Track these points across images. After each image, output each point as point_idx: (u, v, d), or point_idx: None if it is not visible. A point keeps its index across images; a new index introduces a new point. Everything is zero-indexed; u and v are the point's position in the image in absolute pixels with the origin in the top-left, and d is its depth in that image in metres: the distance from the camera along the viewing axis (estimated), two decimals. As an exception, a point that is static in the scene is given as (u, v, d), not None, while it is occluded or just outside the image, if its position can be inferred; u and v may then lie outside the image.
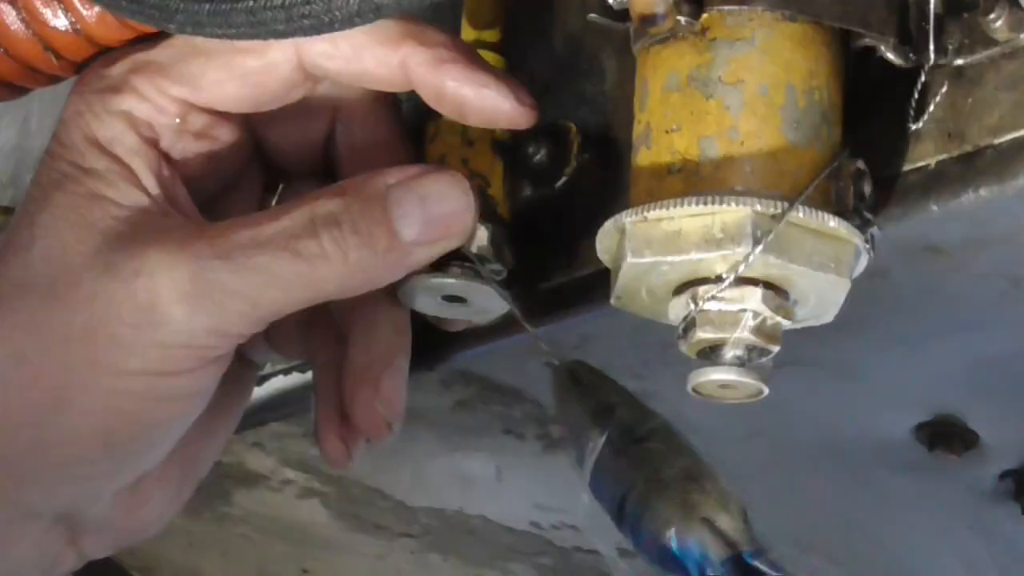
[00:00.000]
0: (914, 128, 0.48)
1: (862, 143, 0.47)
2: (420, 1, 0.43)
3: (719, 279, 0.45)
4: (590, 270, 0.54)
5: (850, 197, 0.46)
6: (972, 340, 0.58)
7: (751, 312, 0.46)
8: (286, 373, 0.67)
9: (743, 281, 0.45)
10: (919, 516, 0.78)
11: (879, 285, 0.52)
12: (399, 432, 0.55)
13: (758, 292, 0.46)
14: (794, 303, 0.47)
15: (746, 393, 0.47)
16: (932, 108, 0.48)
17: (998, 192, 0.47)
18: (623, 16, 0.47)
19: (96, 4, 0.48)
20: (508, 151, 0.55)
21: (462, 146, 0.54)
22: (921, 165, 0.48)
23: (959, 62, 0.47)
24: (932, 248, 0.50)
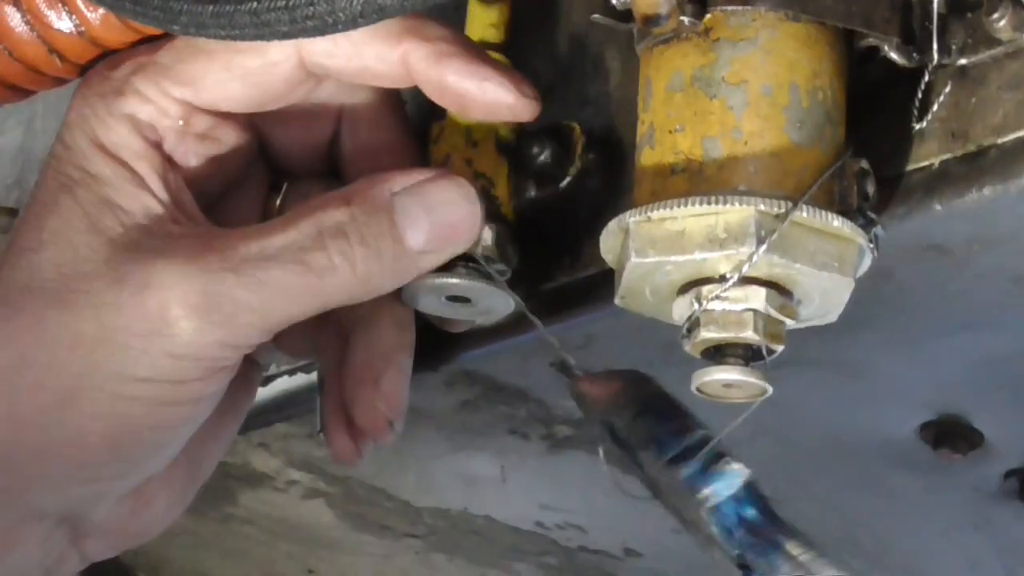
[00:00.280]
0: (918, 128, 0.48)
1: (866, 143, 0.47)
2: (423, 2, 0.43)
3: (723, 279, 0.45)
4: (594, 270, 0.54)
5: (854, 197, 0.46)
6: (976, 339, 0.58)
7: (755, 312, 0.46)
8: (291, 374, 0.67)
9: (747, 281, 0.45)
10: (924, 515, 0.78)
11: (883, 285, 0.52)
12: (401, 430, 0.54)
13: (762, 292, 0.46)
14: (798, 303, 0.47)
15: (750, 393, 0.47)
16: (936, 108, 0.48)
17: (1002, 191, 0.47)
18: (627, 17, 0.47)
19: (100, 6, 0.48)
20: (512, 152, 0.55)
21: (466, 147, 0.54)
22: (925, 165, 0.48)
23: (962, 62, 0.47)
24: (936, 248, 0.50)
